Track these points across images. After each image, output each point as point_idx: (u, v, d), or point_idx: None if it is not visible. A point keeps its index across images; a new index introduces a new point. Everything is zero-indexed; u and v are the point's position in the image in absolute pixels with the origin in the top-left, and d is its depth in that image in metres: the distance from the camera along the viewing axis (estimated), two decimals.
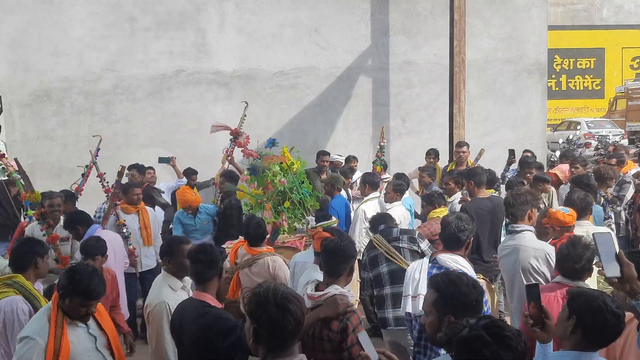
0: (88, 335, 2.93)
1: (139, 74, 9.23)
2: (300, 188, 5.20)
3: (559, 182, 7.19)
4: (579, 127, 19.82)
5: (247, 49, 9.39)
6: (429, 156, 8.17)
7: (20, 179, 5.58)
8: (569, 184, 5.86)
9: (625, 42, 23.82)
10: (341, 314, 2.83)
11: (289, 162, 5.26)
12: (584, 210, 4.45)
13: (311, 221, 4.58)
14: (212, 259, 3.06)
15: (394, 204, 6.21)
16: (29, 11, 9.00)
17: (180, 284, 3.49)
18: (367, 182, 6.46)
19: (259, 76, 9.44)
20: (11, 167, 5.56)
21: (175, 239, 3.76)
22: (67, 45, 9.08)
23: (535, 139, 9.97)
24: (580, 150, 14.37)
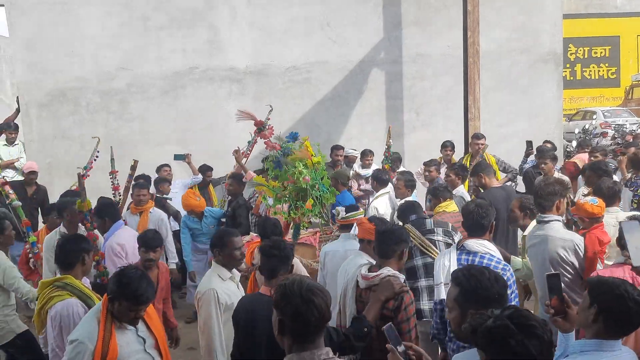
0: (137, 337, 2.95)
1: (153, 72, 9.29)
2: (320, 184, 5.18)
3: (578, 172, 7.11)
4: (594, 117, 19.56)
5: (259, 45, 9.40)
6: (446, 148, 8.12)
7: (20, 206, 5.66)
8: (587, 172, 5.83)
9: None
10: (397, 294, 3.07)
11: (314, 160, 5.21)
12: (612, 198, 4.55)
13: (341, 212, 4.61)
14: (285, 255, 3.18)
15: (405, 199, 6.24)
16: (43, 12, 9.09)
17: (228, 274, 3.64)
18: (377, 179, 6.61)
19: (271, 71, 9.45)
20: (12, 195, 5.65)
21: (226, 232, 3.85)
22: (81, 45, 9.16)
23: (551, 129, 9.86)
24: (597, 139, 14.18)
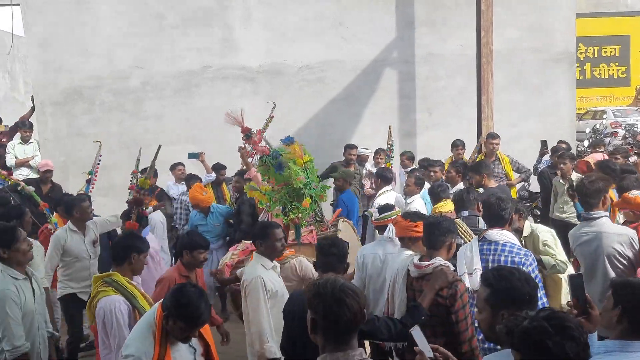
0: (188, 347, 2.93)
1: (167, 71, 9.35)
2: (314, 182, 5.23)
3: (591, 171, 7.09)
4: (605, 116, 19.47)
5: (272, 44, 9.44)
6: (457, 147, 8.13)
7: (33, 191, 5.72)
8: (594, 170, 5.84)
9: None
10: (451, 282, 3.17)
11: (305, 159, 5.26)
12: None
13: (374, 213, 4.64)
14: (343, 253, 3.30)
15: (413, 197, 6.40)
16: (58, 12, 9.17)
17: (271, 264, 3.74)
18: (380, 176, 6.83)
19: (284, 71, 9.48)
20: (22, 183, 5.71)
21: (268, 224, 3.99)
22: (96, 44, 9.23)
23: (564, 129, 9.83)
24: (608, 139, 14.11)
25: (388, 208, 4.57)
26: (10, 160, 8.73)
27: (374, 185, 8.27)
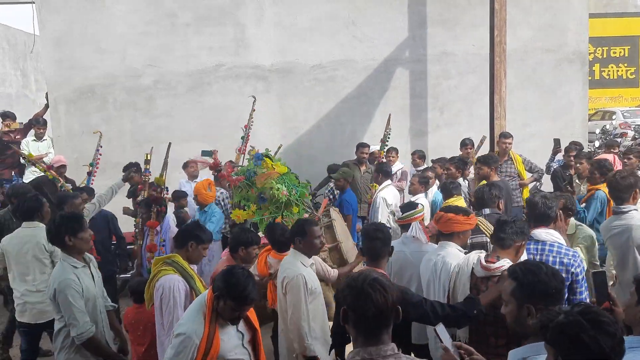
0: (236, 332, 3.00)
1: (180, 69, 9.39)
2: (291, 186, 5.26)
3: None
4: (614, 117, 19.43)
5: (285, 43, 9.46)
6: (466, 146, 8.12)
7: (71, 188, 5.75)
8: (590, 169, 5.94)
9: None
10: None
11: (281, 171, 5.32)
12: None
13: (397, 212, 4.68)
14: (388, 238, 3.40)
15: (417, 196, 6.48)
16: (72, 10, 9.21)
17: (309, 261, 3.79)
18: (381, 171, 7.00)
19: (297, 69, 9.50)
20: (62, 179, 5.74)
21: (306, 221, 4.01)
22: (109, 42, 9.27)
23: (576, 129, 9.82)
24: (618, 140, 14.09)
25: (411, 206, 4.51)
26: None
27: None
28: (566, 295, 3.29)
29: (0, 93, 16.03)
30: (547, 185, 8.55)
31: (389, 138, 8.55)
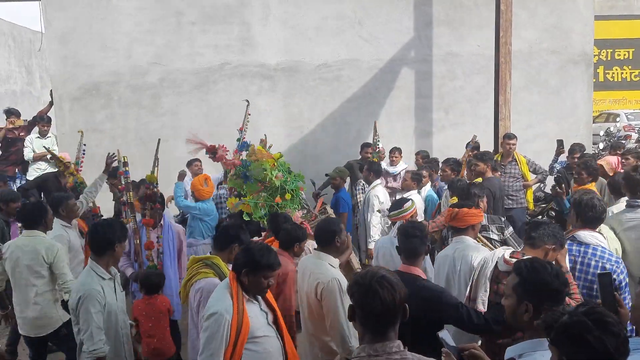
0: (261, 311, 3.06)
1: (185, 68, 9.39)
2: (288, 176, 5.28)
3: (605, 174, 7.06)
4: (618, 119, 19.41)
5: (290, 42, 9.46)
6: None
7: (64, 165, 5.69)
8: (578, 170, 5.86)
9: None
10: None
11: (275, 157, 5.31)
12: None
13: (384, 211, 4.68)
14: (425, 236, 3.38)
15: (410, 192, 6.52)
16: (78, 7, 9.22)
17: (337, 261, 3.76)
18: (373, 170, 7.09)
19: (302, 69, 9.51)
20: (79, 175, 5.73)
21: (332, 221, 3.99)
22: (115, 39, 9.28)
23: (580, 130, 9.82)
24: (622, 142, 14.06)
25: (400, 204, 4.60)
26: (29, 154, 8.78)
27: (389, 184, 8.33)
28: None
29: (5, 90, 16.07)
30: (550, 187, 8.55)
31: (378, 144, 8.51)
